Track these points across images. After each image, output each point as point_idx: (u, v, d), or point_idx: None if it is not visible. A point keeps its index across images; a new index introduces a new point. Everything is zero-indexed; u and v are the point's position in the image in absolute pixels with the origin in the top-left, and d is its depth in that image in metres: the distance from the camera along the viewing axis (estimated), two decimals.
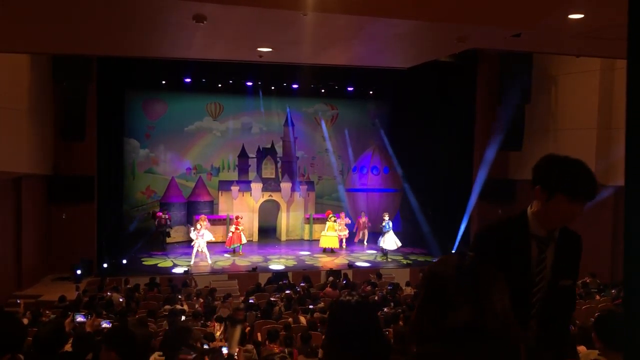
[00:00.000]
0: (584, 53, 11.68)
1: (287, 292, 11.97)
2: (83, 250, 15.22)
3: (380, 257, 17.30)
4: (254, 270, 15.19)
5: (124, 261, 15.90)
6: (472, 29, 7.29)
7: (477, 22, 6.65)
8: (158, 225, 17.82)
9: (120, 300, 11.28)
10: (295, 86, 20.01)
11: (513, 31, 7.75)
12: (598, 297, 11.29)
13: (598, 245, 12.54)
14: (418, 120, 19.54)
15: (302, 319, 9.30)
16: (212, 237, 17.05)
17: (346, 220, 18.46)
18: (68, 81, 14.89)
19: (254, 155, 20.48)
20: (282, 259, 16.86)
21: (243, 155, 20.45)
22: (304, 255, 17.42)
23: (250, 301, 10.82)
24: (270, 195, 19.51)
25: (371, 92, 21.48)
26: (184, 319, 8.85)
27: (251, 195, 19.25)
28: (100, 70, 15.49)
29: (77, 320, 5.79)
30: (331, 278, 13.86)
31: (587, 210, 2.34)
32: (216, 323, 8.68)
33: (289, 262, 16.48)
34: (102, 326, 7.18)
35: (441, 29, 7.20)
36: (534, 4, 6.36)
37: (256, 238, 19.29)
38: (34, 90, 13.75)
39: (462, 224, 17.80)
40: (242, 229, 17.16)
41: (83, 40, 8.81)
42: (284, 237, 19.82)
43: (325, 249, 17.96)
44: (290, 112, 20.98)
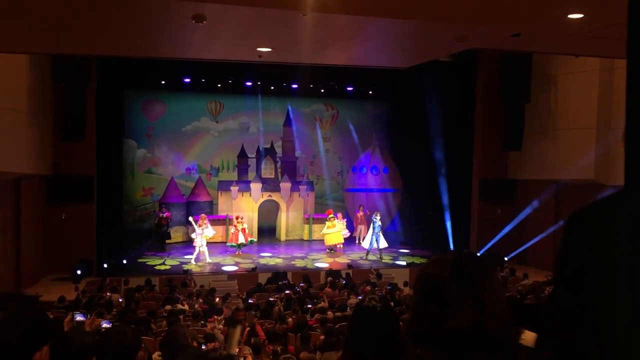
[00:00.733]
0: (583, 53, 11.68)
1: (287, 292, 11.97)
2: (82, 251, 15.22)
3: (380, 257, 17.22)
4: (254, 270, 15.19)
5: (124, 261, 15.89)
6: (472, 29, 7.29)
7: (477, 22, 6.65)
8: (158, 225, 17.82)
9: (120, 301, 11.28)
10: (294, 86, 20.02)
11: (512, 31, 7.75)
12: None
13: None
14: (417, 120, 19.54)
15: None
16: (213, 232, 17.10)
17: (344, 221, 18.42)
18: (68, 81, 14.88)
19: (253, 156, 20.48)
20: (281, 258, 16.86)
21: (242, 155, 20.45)
22: (304, 255, 17.42)
23: (250, 301, 10.82)
24: (270, 196, 19.51)
25: (371, 92, 21.51)
26: (182, 318, 8.84)
27: (251, 196, 19.24)
28: (100, 71, 15.50)
29: (77, 319, 5.77)
30: (330, 278, 13.85)
31: None
32: (222, 325, 8.66)
33: (289, 262, 16.48)
34: (102, 326, 7.16)
35: (440, 28, 7.20)
36: (533, 4, 6.36)
37: (256, 238, 19.29)
38: (34, 90, 13.74)
39: (463, 224, 17.82)
40: (243, 229, 17.13)
41: (82, 40, 8.81)
42: (283, 237, 19.82)
43: (331, 248, 17.92)
44: (290, 112, 20.97)
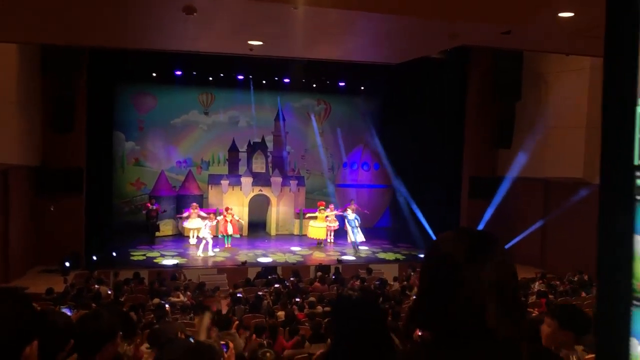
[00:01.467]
0: (573, 52, 11.75)
1: (276, 286, 11.99)
2: (71, 243, 15.14)
3: (353, 252, 17.02)
4: (244, 264, 15.19)
5: (114, 254, 15.83)
6: (463, 26, 7.30)
7: (468, 19, 6.67)
8: (147, 217, 17.76)
9: (109, 293, 11.26)
10: (286, 80, 19.97)
11: (503, 28, 7.78)
12: (584, 294, 11.39)
13: (586, 242, 12.64)
14: (409, 117, 19.58)
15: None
16: (202, 223, 17.17)
17: (337, 212, 18.38)
18: (57, 73, 14.78)
19: (244, 150, 20.43)
20: (271, 253, 16.86)
21: (233, 149, 20.40)
22: (294, 250, 17.43)
23: (239, 295, 10.82)
24: (261, 190, 19.48)
25: (362, 88, 21.50)
26: (169, 311, 8.83)
27: (241, 190, 19.21)
28: (91, 63, 15.40)
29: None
30: (320, 273, 13.88)
31: (576, 208, 2.34)
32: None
33: (279, 256, 16.49)
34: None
35: (432, 25, 7.21)
36: (524, 2, 6.39)
37: (246, 232, 19.27)
38: (23, 81, 13.62)
39: (452, 220, 17.89)
40: (231, 220, 17.11)
41: (72, 31, 8.74)
42: (274, 232, 19.80)
43: (319, 242, 17.95)
44: (281, 107, 20.94)
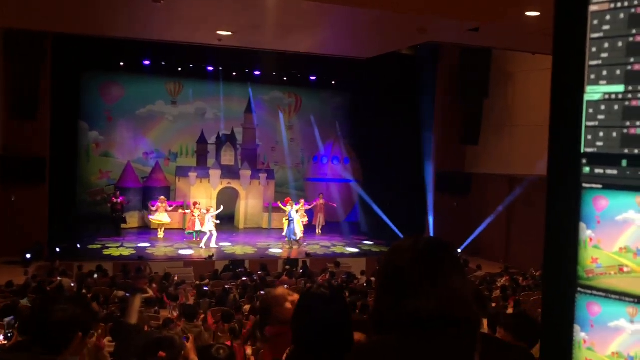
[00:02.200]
0: (540, 51, 11.96)
1: (244, 279, 11.93)
2: (34, 234, 14.79)
3: (288, 246, 16.83)
4: (211, 257, 15.06)
5: (78, 245, 15.52)
6: (431, 21, 7.36)
7: (437, 13, 6.72)
8: (112, 209, 17.45)
9: (72, 285, 11.03)
10: (257, 73, 19.84)
11: (471, 25, 7.87)
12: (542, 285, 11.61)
13: None
14: (378, 112, 19.68)
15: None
16: (169, 219, 17.23)
17: (306, 206, 18.36)
18: (20, 58, 14.41)
19: (213, 142, 20.22)
20: (239, 246, 16.76)
21: (202, 141, 20.17)
22: (262, 244, 17.36)
23: (205, 288, 10.74)
24: (229, 183, 19.33)
25: (333, 83, 21.51)
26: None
27: (209, 182, 19.03)
28: (56, 49, 15.05)
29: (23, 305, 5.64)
30: (288, 267, 13.87)
31: (543, 203, 2.37)
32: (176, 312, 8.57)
33: (246, 250, 16.40)
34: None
35: (401, 19, 7.25)
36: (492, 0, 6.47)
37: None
38: None
39: (420, 215, 18.09)
40: (199, 215, 16.95)
41: (35, 15, 8.51)
42: (242, 225, 19.68)
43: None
44: (252, 99, 20.79)
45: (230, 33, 8.51)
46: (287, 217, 17.10)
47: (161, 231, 17.29)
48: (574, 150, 1.03)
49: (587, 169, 1.03)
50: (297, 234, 16.96)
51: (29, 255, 14.00)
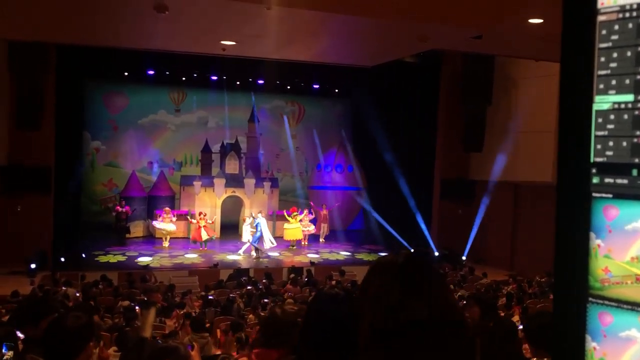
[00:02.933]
0: (543, 57, 11.98)
1: (248, 288, 11.91)
2: (39, 244, 14.81)
3: (256, 257, 16.43)
4: (215, 266, 15.05)
5: (83, 255, 15.53)
6: (433, 29, 7.38)
7: (438, 22, 6.74)
8: (117, 219, 17.48)
9: (77, 295, 11.03)
10: (260, 82, 19.91)
11: (474, 33, 7.88)
12: (552, 296, 11.56)
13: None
14: (382, 120, 19.69)
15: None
16: (174, 227, 17.29)
17: (310, 216, 18.42)
18: (24, 69, 14.53)
19: (217, 151, 20.28)
20: (243, 255, 16.74)
21: (206, 150, 20.23)
22: (267, 252, 17.32)
23: (210, 297, 10.72)
24: (234, 192, 19.35)
25: (337, 91, 21.57)
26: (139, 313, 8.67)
27: (214, 191, 19.05)
28: (60, 60, 15.17)
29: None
30: (292, 275, 13.84)
31: (548, 210, 2.38)
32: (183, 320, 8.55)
33: (251, 258, 16.38)
34: None
35: (403, 27, 7.27)
36: (494, 7, 6.48)
37: (218, 234, 19.10)
38: None
39: (424, 223, 18.05)
40: (205, 225, 16.97)
41: (41, 27, 8.57)
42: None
43: (293, 244, 17.90)
44: (255, 108, 20.86)
45: (233, 43, 8.55)
46: (253, 225, 16.69)
47: (166, 240, 17.31)
48: (583, 159, 1.03)
49: (596, 179, 1.02)
50: (265, 243, 16.58)
51: (33, 265, 14.01)
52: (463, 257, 16.78)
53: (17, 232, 14.87)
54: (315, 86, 20.86)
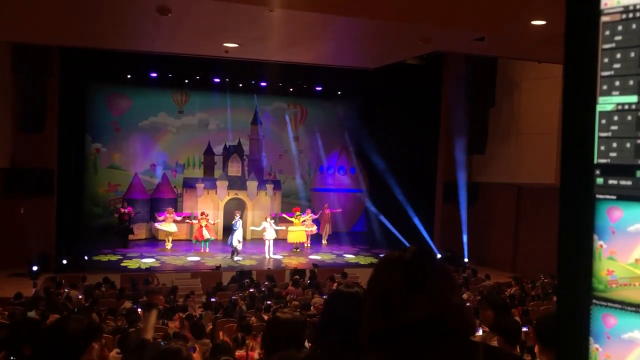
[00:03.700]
0: (546, 59, 11.96)
1: (251, 290, 11.90)
2: (41, 246, 14.81)
3: (230, 258, 16.27)
4: (218, 268, 15.05)
5: (85, 257, 15.55)
6: (435, 31, 7.38)
7: (440, 23, 6.74)
8: (120, 221, 17.50)
9: (80, 297, 11.05)
10: (263, 84, 19.92)
11: (476, 34, 7.88)
12: (556, 297, 11.53)
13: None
14: (385, 122, 19.71)
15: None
16: (176, 228, 17.31)
17: (313, 216, 18.43)
18: (28, 72, 14.55)
19: (220, 153, 20.30)
20: (246, 257, 16.74)
21: (209, 152, 20.25)
22: (265, 254, 17.30)
23: (212, 299, 10.72)
24: (236, 194, 19.37)
25: (339, 93, 21.58)
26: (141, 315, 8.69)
27: (216, 193, 19.07)
28: (63, 63, 15.20)
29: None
30: (297, 277, 13.83)
31: (550, 211, 2.37)
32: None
33: (253, 260, 16.38)
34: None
35: (405, 29, 7.27)
36: (497, 9, 6.47)
37: (221, 236, 19.10)
38: None
39: (426, 225, 18.03)
40: (206, 225, 16.98)
41: (43, 29, 8.59)
42: (249, 236, 19.65)
43: (296, 247, 17.90)
44: (258, 110, 20.87)
45: (236, 45, 8.57)
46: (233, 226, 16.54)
47: (169, 242, 17.34)
48: (586, 161, 1.03)
49: (600, 180, 1.02)
50: (239, 244, 16.48)
51: (35, 268, 14.03)
52: (465, 259, 16.75)
53: (19, 234, 14.89)
54: (318, 88, 20.87)
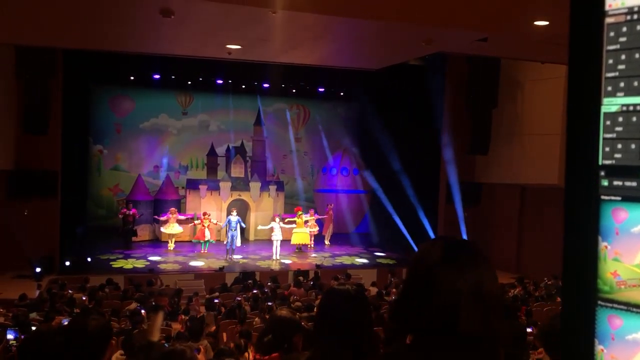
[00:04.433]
0: (549, 60, 11.94)
1: (254, 291, 11.90)
2: (45, 248, 14.86)
3: (230, 258, 16.31)
4: (221, 269, 15.06)
5: (89, 259, 15.58)
6: (438, 32, 7.37)
7: (444, 24, 6.73)
8: (124, 222, 17.52)
9: (83, 299, 11.07)
10: (266, 85, 19.95)
11: (479, 35, 7.87)
12: (559, 298, 11.51)
13: (561, 247, 12.79)
14: (387, 123, 19.68)
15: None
16: (181, 229, 17.36)
17: (316, 216, 18.42)
18: (32, 74, 14.60)
19: (223, 154, 20.32)
20: (249, 258, 16.75)
21: (212, 153, 20.28)
22: (272, 255, 17.31)
23: (215, 301, 10.73)
24: (239, 195, 19.38)
25: (342, 94, 21.58)
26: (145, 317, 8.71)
27: (219, 195, 19.09)
28: (67, 65, 15.23)
29: (9, 337, 5.71)
30: (301, 278, 13.83)
31: (554, 212, 2.36)
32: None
33: (257, 261, 16.39)
34: (64, 324, 7.01)
35: (408, 30, 7.27)
36: (500, 10, 6.47)
37: (223, 238, 19.12)
38: None
39: (430, 226, 18.02)
40: (209, 226, 16.99)
41: (47, 32, 8.61)
42: (252, 237, 19.69)
43: (299, 247, 17.91)
44: (261, 111, 20.90)
45: (239, 46, 8.58)
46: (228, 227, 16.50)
47: (172, 242, 17.35)
48: (591, 162, 1.03)
49: (605, 181, 1.02)
50: (235, 245, 16.43)
51: (38, 269, 14.06)
52: None
53: (23, 236, 14.92)
54: (321, 89, 20.87)
